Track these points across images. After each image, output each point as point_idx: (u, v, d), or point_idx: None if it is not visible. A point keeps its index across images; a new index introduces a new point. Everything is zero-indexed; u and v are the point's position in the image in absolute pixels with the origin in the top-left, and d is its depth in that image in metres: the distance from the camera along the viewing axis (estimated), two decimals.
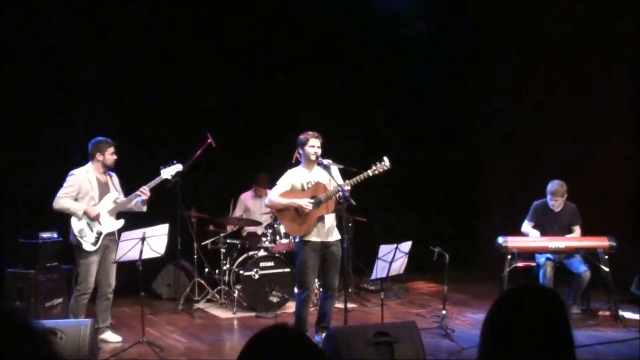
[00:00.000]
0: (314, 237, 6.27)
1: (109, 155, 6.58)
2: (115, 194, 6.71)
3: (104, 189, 6.62)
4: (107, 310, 6.70)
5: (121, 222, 6.65)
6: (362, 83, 10.80)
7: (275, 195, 6.37)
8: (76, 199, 6.45)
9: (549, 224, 7.71)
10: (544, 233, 7.64)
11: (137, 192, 6.53)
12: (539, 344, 1.78)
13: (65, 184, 6.48)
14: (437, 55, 10.97)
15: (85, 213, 6.42)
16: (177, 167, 6.73)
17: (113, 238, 6.58)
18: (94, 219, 6.45)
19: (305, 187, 6.35)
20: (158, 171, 6.67)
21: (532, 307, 1.84)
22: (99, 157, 6.55)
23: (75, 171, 6.52)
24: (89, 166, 6.58)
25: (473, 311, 7.90)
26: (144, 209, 6.73)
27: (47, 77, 8.63)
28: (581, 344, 6.08)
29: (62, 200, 6.40)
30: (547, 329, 1.79)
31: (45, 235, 7.30)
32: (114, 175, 6.82)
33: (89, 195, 6.49)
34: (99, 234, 6.47)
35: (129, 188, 6.79)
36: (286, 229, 6.66)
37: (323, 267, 6.36)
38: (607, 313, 7.49)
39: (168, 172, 6.67)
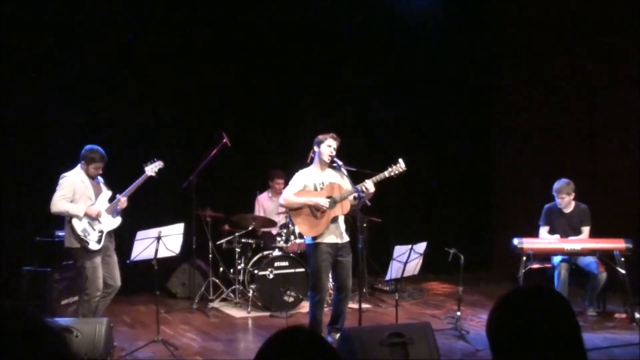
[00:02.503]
0: (328, 238, 6.24)
1: (93, 170, 6.43)
2: (109, 192, 6.61)
3: (97, 189, 6.52)
4: (104, 308, 6.57)
5: (119, 220, 6.58)
6: (373, 82, 10.75)
7: (290, 194, 6.34)
8: (72, 201, 6.33)
9: (560, 225, 7.67)
10: (556, 235, 7.61)
11: (116, 201, 6.49)
12: (548, 347, 1.77)
13: (59, 188, 6.32)
14: (450, 54, 10.92)
15: (85, 214, 6.32)
16: (159, 164, 6.66)
17: (111, 238, 6.57)
18: (94, 218, 6.36)
19: (318, 188, 6.33)
20: (142, 169, 6.60)
21: (535, 310, 1.83)
22: (82, 166, 6.42)
23: (67, 174, 6.38)
24: (79, 169, 6.45)
25: (488, 313, 7.82)
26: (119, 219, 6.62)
27: (52, 76, 8.64)
28: (597, 347, 6.05)
29: (61, 203, 6.25)
30: (553, 331, 1.78)
31: (61, 233, 7.20)
32: (100, 178, 6.66)
33: (85, 195, 6.38)
34: (101, 232, 6.41)
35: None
36: (300, 228, 6.61)
37: (336, 268, 6.34)
38: (623, 315, 7.43)
39: (152, 170, 6.62)
